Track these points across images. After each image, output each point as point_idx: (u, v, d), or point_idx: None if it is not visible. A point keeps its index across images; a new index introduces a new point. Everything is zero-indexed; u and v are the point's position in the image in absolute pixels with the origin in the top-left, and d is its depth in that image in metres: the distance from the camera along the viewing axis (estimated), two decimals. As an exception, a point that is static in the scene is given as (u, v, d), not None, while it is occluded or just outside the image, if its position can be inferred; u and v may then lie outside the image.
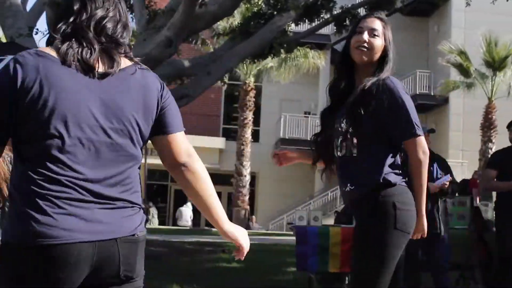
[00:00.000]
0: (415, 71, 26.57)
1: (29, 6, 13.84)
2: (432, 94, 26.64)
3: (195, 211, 28.74)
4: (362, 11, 15.96)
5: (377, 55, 3.20)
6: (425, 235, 3.23)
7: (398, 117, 3.08)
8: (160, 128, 2.30)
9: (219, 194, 30.20)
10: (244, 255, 2.54)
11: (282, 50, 15.10)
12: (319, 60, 25.91)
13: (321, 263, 6.90)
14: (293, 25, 15.07)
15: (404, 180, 3.15)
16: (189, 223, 27.39)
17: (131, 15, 15.36)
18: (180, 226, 26.58)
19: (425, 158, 3.08)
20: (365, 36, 3.16)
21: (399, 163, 3.16)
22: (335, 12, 14.93)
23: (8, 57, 8.00)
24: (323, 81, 27.67)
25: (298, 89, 28.15)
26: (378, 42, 3.19)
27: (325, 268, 6.96)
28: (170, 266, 10.19)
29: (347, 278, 8.38)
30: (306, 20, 15.09)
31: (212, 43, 22.19)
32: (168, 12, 12.27)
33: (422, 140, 3.08)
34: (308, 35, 16.32)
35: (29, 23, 12.24)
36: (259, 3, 15.01)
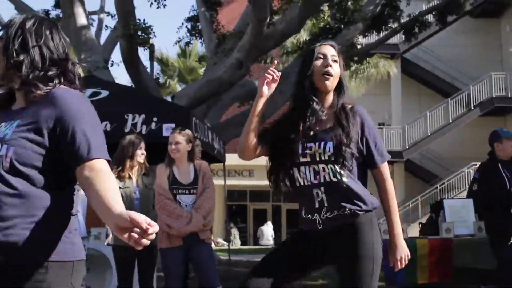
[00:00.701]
0: (489, 74, 25.87)
1: (102, 40, 14.31)
2: (509, 96, 25.86)
3: (276, 230, 28.75)
4: (430, 18, 15.72)
5: (336, 82, 3.20)
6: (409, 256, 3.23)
7: (371, 145, 3.15)
8: None
9: (294, 211, 30.21)
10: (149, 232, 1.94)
11: (352, 63, 15.04)
12: (390, 69, 25.62)
13: (409, 275, 6.76)
14: (361, 37, 15.00)
15: None
16: (271, 242, 27.42)
17: (200, 40, 15.66)
18: (262, 245, 26.63)
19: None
20: (330, 61, 3.14)
21: None
22: (403, 21, 14.77)
23: (88, 90, 8.29)
24: (395, 90, 27.30)
25: (371, 101, 27.84)
26: (338, 69, 3.19)
27: (413, 281, 6.82)
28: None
29: (436, 290, 8.21)
30: (374, 31, 14.98)
31: (281, 61, 22.30)
32: (236, 34, 12.43)
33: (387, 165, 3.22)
34: (376, 46, 16.20)
35: (104, 55, 12.65)
36: (326, 18, 15.01)
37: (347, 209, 3.07)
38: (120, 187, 5.59)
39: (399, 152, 26.08)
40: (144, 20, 11.58)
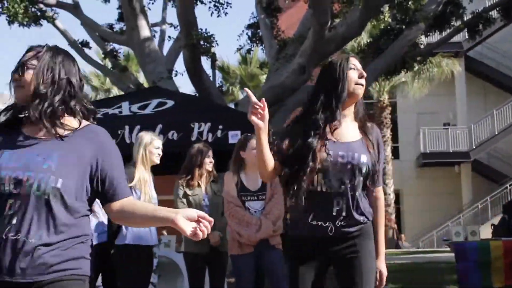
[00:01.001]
0: None
1: (165, 50, 14.56)
2: None
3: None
4: (494, 14, 15.35)
5: None
6: None
7: (380, 165, 3.33)
8: None
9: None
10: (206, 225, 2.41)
11: (415, 63, 14.83)
12: (454, 68, 25.14)
13: (484, 278, 6.63)
14: (423, 36, 14.77)
15: None
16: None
17: (261, 47, 15.73)
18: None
19: None
20: (361, 73, 3.27)
21: None
22: (466, 18, 14.48)
23: (153, 101, 8.45)
24: (460, 89, 26.75)
25: (434, 101, 27.37)
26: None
27: (488, 284, 6.67)
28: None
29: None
30: (436, 30, 14.73)
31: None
32: (297, 39, 12.44)
33: None
34: (439, 45, 15.92)
35: (167, 66, 12.86)
36: (386, 19, 14.85)
37: (361, 220, 3.23)
38: (189, 195, 5.67)
39: (466, 153, 25.54)
40: (206, 29, 11.72)
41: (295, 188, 3.16)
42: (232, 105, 15.91)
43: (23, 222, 2.29)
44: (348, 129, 3.26)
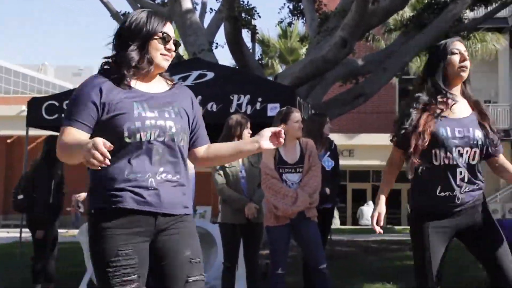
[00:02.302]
0: None
1: (206, 22, 14.57)
2: None
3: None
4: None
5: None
6: None
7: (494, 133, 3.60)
8: None
9: (399, 191, 29.71)
10: (279, 135, 2.83)
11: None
12: (498, 44, 24.62)
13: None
14: (468, 11, 14.49)
15: None
16: (370, 222, 27.14)
17: (302, 20, 15.64)
18: (361, 225, 26.47)
19: None
20: (466, 56, 3.57)
21: None
22: (513, -7, 14.15)
23: (193, 73, 8.50)
24: (503, 66, 26.26)
25: (477, 78, 26.77)
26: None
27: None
28: (360, 265, 10.21)
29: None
30: (482, 5, 14.44)
31: (383, 39, 21.92)
32: (339, 13, 12.33)
33: None
34: (484, 20, 15.59)
35: (208, 38, 12.88)
36: (431, -7, 14.61)
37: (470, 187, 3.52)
38: (226, 166, 5.72)
39: (506, 130, 25.15)
40: (247, 1, 11.68)
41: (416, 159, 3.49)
42: (271, 79, 15.90)
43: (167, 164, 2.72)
44: (460, 106, 3.57)
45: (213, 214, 8.62)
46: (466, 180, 3.49)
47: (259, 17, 11.88)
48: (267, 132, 2.83)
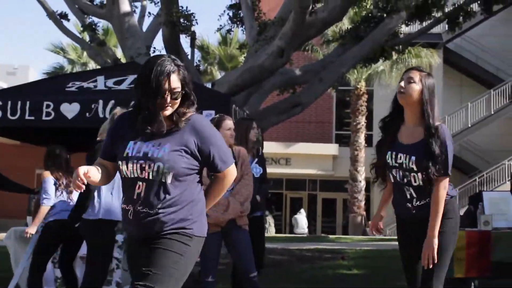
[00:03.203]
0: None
1: (145, 26, 14.43)
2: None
3: (311, 218, 28.76)
4: (475, 7, 15.46)
5: (414, 97, 3.93)
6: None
7: (440, 157, 3.85)
8: None
9: (334, 201, 30.12)
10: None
11: (393, 53, 14.89)
12: (432, 59, 25.29)
13: (446, 268, 6.72)
14: (403, 26, 14.82)
15: None
16: (306, 230, 27.45)
17: (241, 28, 15.69)
18: (297, 233, 26.68)
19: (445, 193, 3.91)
20: (402, 83, 3.95)
21: None
22: (447, 10, 14.55)
23: (129, 77, 8.40)
24: (437, 80, 26.82)
25: (411, 91, 27.56)
26: (414, 87, 3.93)
27: (450, 274, 6.75)
28: (292, 273, 10.27)
29: (473, 284, 8.12)
30: (417, 20, 14.80)
31: (321, 50, 22.21)
32: (278, 22, 12.41)
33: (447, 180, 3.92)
34: (419, 35, 15.97)
35: (146, 42, 12.77)
36: (368, 6, 14.87)
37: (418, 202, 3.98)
38: None
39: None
40: (186, 7, 11.64)
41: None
42: (209, 85, 15.87)
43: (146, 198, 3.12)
44: (409, 132, 3.98)
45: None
46: (415, 196, 3.95)
47: (197, 23, 11.87)
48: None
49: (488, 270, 6.83)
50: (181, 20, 11.40)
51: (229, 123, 5.48)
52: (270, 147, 21.04)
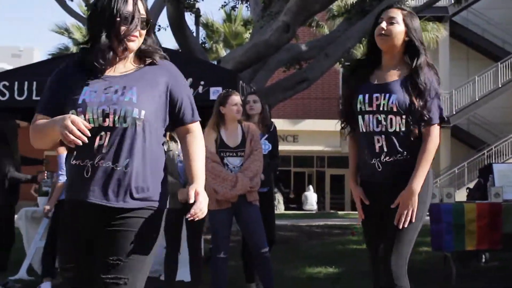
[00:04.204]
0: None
1: (149, 4, 14.34)
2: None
3: (319, 195, 28.78)
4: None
5: (397, 40, 3.43)
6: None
7: (428, 99, 3.35)
8: None
9: (342, 176, 30.08)
10: (192, 216, 2.69)
11: (399, 26, 14.75)
12: (439, 33, 25.09)
13: (457, 241, 6.71)
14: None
15: None
16: (315, 207, 27.49)
17: (246, 4, 15.58)
18: (306, 210, 26.73)
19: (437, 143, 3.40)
20: (383, 24, 3.42)
21: None
22: (453, -18, 14.41)
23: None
24: (443, 55, 26.78)
25: (417, 65, 27.40)
26: (397, 28, 3.42)
27: (461, 247, 6.76)
28: (302, 249, 10.30)
29: (484, 256, 8.12)
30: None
31: (327, 25, 22.04)
32: (283, -3, 12.31)
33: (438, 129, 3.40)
34: (425, 8, 15.84)
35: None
36: (373, -21, 14.72)
37: (394, 156, 3.38)
38: (164, 150, 5.64)
39: (447, 118, 25.73)
40: (190, -16, 11.57)
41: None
42: (215, 63, 15.81)
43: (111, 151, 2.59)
44: (385, 72, 3.47)
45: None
46: (385, 150, 3.37)
47: (202, 0, 11.78)
48: (191, 199, 2.72)
49: (499, 243, 6.80)
50: (186, -3, 11.33)
51: (235, 98, 5.44)
52: (277, 124, 20.91)
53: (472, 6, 25.39)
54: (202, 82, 7.72)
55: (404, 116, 3.32)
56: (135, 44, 2.66)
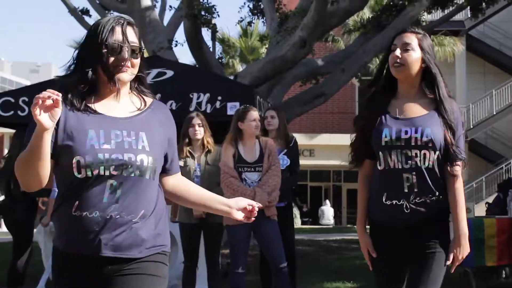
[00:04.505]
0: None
1: (165, 20, 14.45)
2: None
3: (335, 209, 28.67)
4: (499, -8, 15.23)
5: (414, 69, 3.15)
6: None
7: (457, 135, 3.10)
8: None
9: (355, 191, 30.03)
10: (255, 211, 2.63)
11: (416, 41, 14.72)
12: (455, 47, 25.02)
13: (477, 256, 6.66)
14: (425, 13, 14.67)
15: None
16: (331, 221, 27.39)
17: (262, 20, 15.65)
18: (322, 224, 26.63)
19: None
20: (397, 52, 3.13)
21: None
22: (470, -4, 14.36)
23: (153, 71, 8.42)
24: (460, 68, 26.67)
25: (434, 79, 27.30)
26: (413, 56, 3.13)
27: (481, 262, 6.71)
28: (319, 264, 10.25)
29: (504, 272, 8.04)
30: (439, 8, 14.63)
31: (343, 40, 22.06)
32: (299, 12, 12.35)
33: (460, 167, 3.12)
34: (441, 23, 15.83)
35: (168, 36, 12.78)
36: (389, -5, 14.73)
37: (425, 197, 3.06)
38: (181, 166, 5.66)
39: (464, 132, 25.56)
40: (207, 0, 11.63)
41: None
42: (231, 78, 15.87)
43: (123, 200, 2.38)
44: (410, 105, 3.17)
45: (173, 213, 8.55)
46: (415, 190, 3.03)
47: (219, 15, 11.85)
48: (243, 202, 2.64)
49: (520, 258, 6.75)
50: (202, 12, 11.39)
51: (254, 114, 5.46)
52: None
53: (489, 19, 25.26)
54: (219, 97, 7.76)
55: (437, 152, 3.04)
56: (127, 75, 2.43)
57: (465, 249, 3.13)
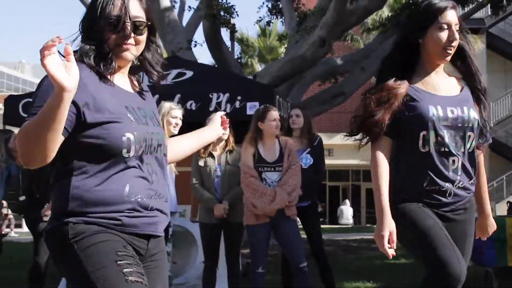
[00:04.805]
0: None
1: (184, 21, 14.49)
2: None
3: (354, 209, 28.59)
4: (520, -11, 15.08)
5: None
6: None
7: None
8: None
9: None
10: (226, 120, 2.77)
11: (436, 39, 14.64)
12: (476, 45, 24.83)
13: (499, 256, 6.60)
14: (445, 12, 14.58)
15: None
16: (350, 221, 27.31)
17: (280, 19, 15.65)
18: (341, 224, 26.57)
19: None
20: (456, 35, 2.84)
21: None
22: (490, -6, 14.27)
23: (172, 71, 8.45)
24: (480, 66, 26.20)
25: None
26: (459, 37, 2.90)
27: (503, 262, 6.65)
28: (339, 264, 10.21)
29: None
30: (459, 5, 14.51)
31: (362, 39, 21.99)
32: (318, 11, 12.34)
33: None
34: (462, 20, 15.68)
35: (187, 36, 12.82)
36: (409, -7, 14.65)
37: (467, 181, 2.91)
38: (201, 166, 5.67)
39: (485, 130, 25.37)
40: (226, 0, 11.66)
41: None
42: (251, 77, 15.90)
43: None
44: (445, 83, 2.97)
45: (193, 213, 8.57)
46: (460, 174, 2.83)
47: (237, 15, 11.87)
48: (217, 116, 2.78)
49: (542, 257, 6.67)
50: (221, 12, 11.42)
51: (274, 114, 5.46)
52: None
53: (510, 17, 25.03)
54: (239, 97, 7.77)
55: (475, 134, 2.88)
56: (130, 53, 2.19)
57: (494, 225, 3.17)
